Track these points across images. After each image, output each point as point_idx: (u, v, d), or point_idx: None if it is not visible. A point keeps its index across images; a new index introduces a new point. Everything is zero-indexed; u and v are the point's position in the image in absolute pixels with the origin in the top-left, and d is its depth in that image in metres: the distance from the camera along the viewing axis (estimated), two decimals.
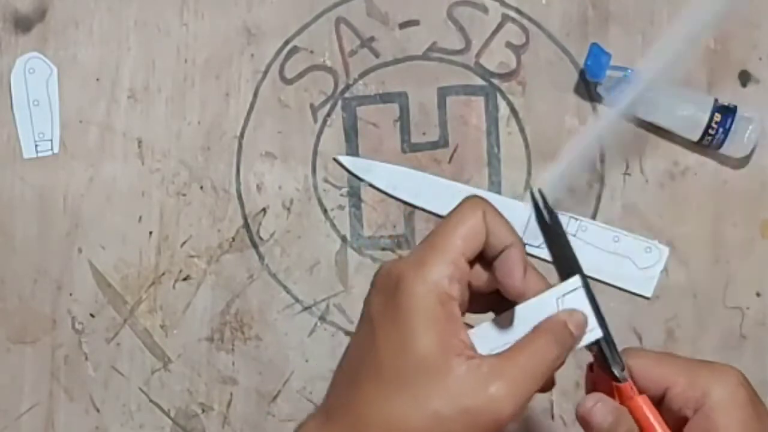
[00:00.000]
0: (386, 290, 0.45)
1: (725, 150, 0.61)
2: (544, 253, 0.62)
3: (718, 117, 0.61)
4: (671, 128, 0.62)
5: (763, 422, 0.48)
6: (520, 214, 0.62)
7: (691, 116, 0.61)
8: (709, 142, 0.61)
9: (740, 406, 0.48)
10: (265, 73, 0.64)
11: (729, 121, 0.61)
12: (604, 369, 0.47)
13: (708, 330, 0.62)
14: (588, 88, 0.63)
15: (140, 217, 0.63)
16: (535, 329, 0.46)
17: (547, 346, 0.45)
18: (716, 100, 0.61)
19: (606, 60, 0.61)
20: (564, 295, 0.46)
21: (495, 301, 0.47)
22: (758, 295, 0.62)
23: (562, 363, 0.46)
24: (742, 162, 0.62)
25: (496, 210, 0.47)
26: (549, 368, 0.45)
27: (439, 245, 0.45)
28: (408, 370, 0.44)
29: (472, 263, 0.46)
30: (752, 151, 0.62)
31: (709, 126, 0.61)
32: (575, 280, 0.47)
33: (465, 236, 0.45)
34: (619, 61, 0.62)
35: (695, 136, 0.61)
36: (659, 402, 0.48)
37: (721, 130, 0.61)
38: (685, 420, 0.47)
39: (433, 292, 0.44)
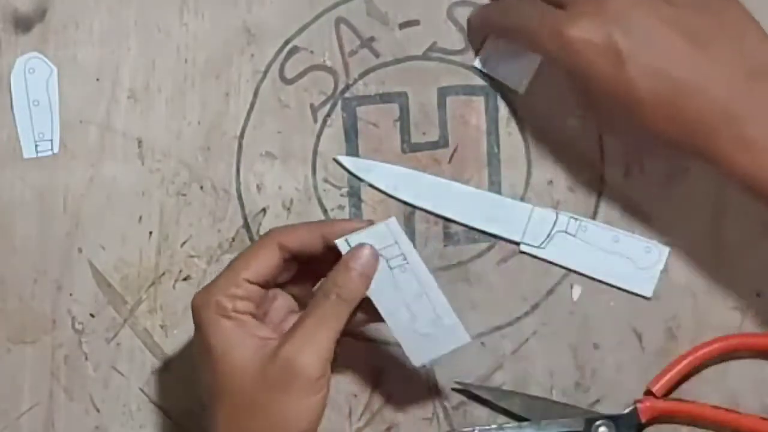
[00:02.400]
0: (195, 329, 0.54)
1: None
2: (544, 253, 0.62)
3: None
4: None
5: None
6: (519, 214, 0.63)
7: None
8: None
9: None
10: (265, 73, 0.64)
11: None
12: None
13: (708, 330, 0.62)
14: None
15: (140, 217, 0.63)
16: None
17: (325, 299, 0.52)
18: None
19: None
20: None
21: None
22: (758, 295, 0.62)
23: (358, 301, 0.53)
24: None
25: (294, 228, 0.55)
26: (339, 317, 0.52)
27: (224, 273, 0.54)
28: (220, 378, 0.52)
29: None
30: None
31: None
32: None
33: (247, 263, 0.53)
34: None
35: None
36: None
37: None
38: None
39: (216, 313, 0.52)
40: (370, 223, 0.54)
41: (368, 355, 0.62)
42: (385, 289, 0.54)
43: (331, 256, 0.54)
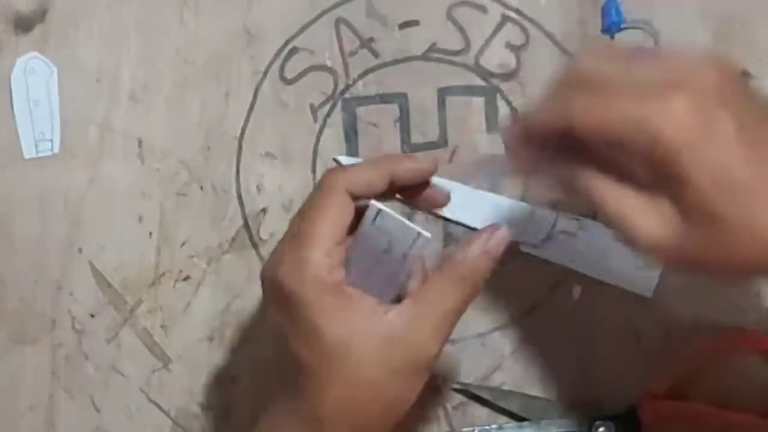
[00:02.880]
0: (281, 307, 0.48)
1: None
2: (544, 252, 0.62)
3: None
4: None
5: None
6: (520, 214, 0.63)
7: None
8: None
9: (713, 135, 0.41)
10: (265, 73, 0.64)
11: None
12: None
13: (708, 330, 0.62)
14: None
15: (140, 217, 0.63)
16: (444, 266, 0.49)
17: (452, 283, 0.49)
18: None
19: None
20: None
21: None
22: (758, 295, 0.62)
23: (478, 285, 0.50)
24: None
25: (356, 170, 0.49)
26: (460, 301, 0.48)
27: (307, 241, 0.47)
28: (333, 361, 0.46)
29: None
30: None
31: None
32: None
33: (330, 224, 0.48)
34: None
35: None
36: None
37: None
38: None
39: (318, 290, 0.46)
40: (433, 161, 0.52)
41: None
42: (366, 239, 0.49)
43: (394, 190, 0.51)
